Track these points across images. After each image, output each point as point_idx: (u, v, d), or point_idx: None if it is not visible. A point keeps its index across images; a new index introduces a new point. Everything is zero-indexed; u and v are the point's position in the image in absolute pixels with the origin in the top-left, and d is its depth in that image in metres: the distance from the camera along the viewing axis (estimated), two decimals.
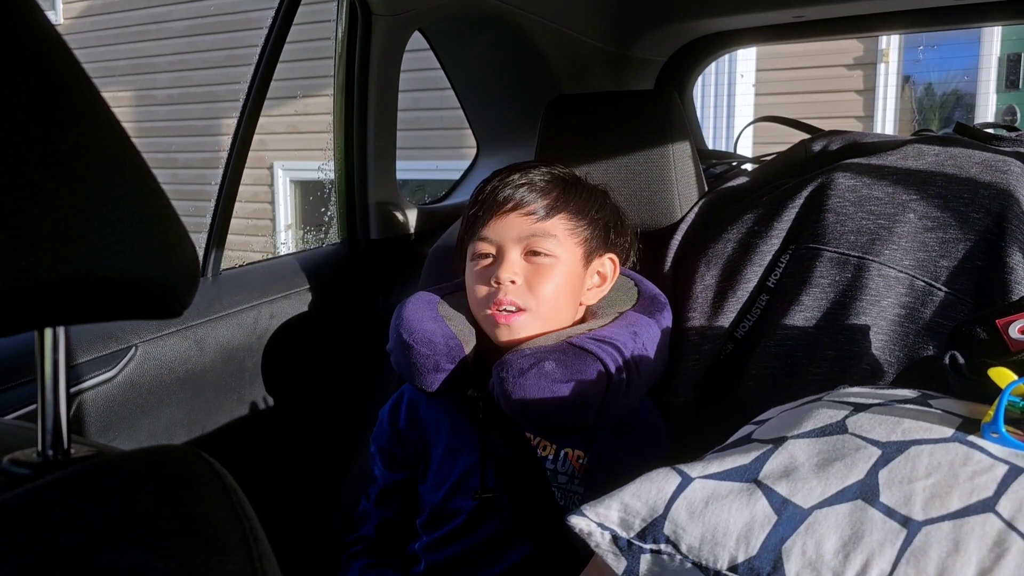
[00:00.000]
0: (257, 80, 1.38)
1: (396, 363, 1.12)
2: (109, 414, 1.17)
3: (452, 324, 1.10)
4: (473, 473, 1.07)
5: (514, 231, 1.07)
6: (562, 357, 1.00)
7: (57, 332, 0.49)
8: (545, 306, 1.06)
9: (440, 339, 1.07)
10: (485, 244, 1.09)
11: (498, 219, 1.08)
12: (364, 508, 1.21)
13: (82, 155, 0.42)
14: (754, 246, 1.17)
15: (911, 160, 1.16)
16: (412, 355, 1.08)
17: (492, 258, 1.09)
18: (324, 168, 4.39)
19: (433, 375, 1.07)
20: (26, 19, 0.42)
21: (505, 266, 1.06)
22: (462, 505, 1.08)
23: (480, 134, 1.95)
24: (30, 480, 0.44)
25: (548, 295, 1.06)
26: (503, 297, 1.05)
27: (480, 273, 1.09)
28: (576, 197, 1.11)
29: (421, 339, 1.07)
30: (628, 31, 1.74)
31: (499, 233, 1.08)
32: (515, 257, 1.07)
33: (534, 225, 1.07)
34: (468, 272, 1.12)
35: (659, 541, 0.63)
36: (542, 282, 1.06)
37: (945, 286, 1.06)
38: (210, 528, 0.42)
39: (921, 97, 4.72)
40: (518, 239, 1.07)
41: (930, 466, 0.59)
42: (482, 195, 1.11)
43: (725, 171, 1.58)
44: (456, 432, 1.11)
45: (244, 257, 3.77)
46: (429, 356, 1.06)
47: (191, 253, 0.49)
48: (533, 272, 1.07)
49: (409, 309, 1.13)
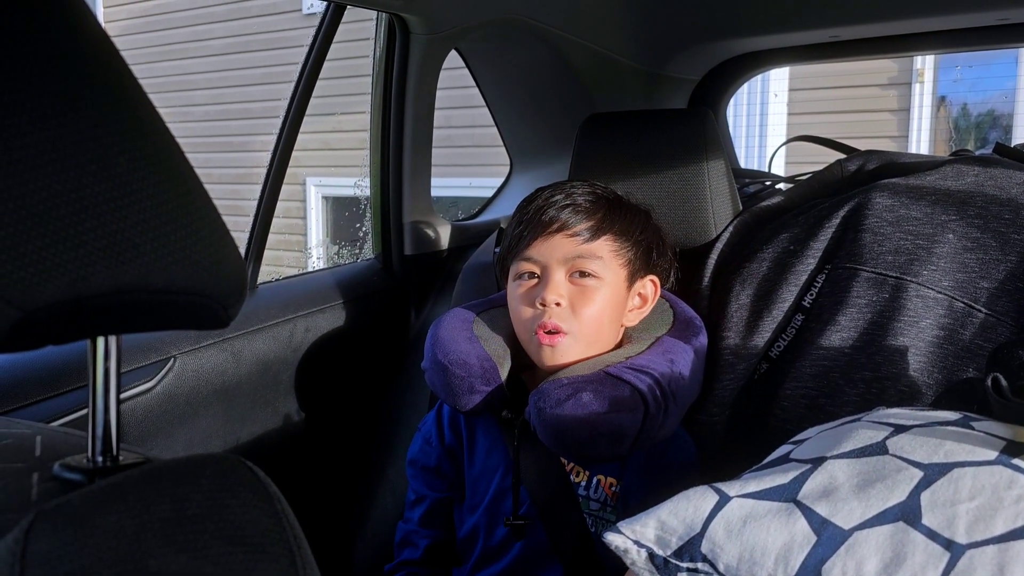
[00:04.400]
0: (297, 97, 1.40)
1: (431, 382, 1.11)
2: (147, 424, 1.19)
3: (487, 345, 1.09)
4: (506, 496, 1.07)
5: (560, 252, 1.06)
6: (599, 387, 0.98)
7: (109, 341, 0.50)
8: (589, 328, 1.05)
9: (475, 361, 1.06)
10: (529, 264, 1.08)
11: (543, 239, 1.06)
12: (407, 531, 1.19)
13: (138, 168, 0.44)
14: (790, 266, 1.16)
15: (950, 180, 1.15)
16: (447, 376, 1.07)
17: (536, 278, 1.07)
18: (360, 184, 4.43)
19: (468, 396, 1.06)
20: (89, 36, 0.44)
21: (551, 287, 1.05)
22: (495, 528, 1.08)
23: (514, 151, 1.96)
24: (82, 485, 0.45)
25: (593, 317, 1.05)
26: (548, 320, 1.04)
27: (525, 294, 1.08)
28: (620, 218, 1.10)
29: (456, 360, 1.07)
30: (662, 50, 1.75)
31: (544, 254, 1.06)
32: (560, 278, 1.06)
33: (580, 246, 1.06)
34: (511, 292, 1.11)
35: (696, 560, 0.63)
36: (587, 304, 1.05)
37: (985, 307, 1.04)
38: (256, 535, 0.43)
39: (957, 117, 4.67)
40: (563, 260, 1.06)
41: (973, 489, 0.58)
42: (526, 214, 1.10)
43: (759, 190, 1.57)
44: (491, 453, 1.11)
45: (275, 271, 3.80)
46: (464, 378, 1.06)
47: (239, 265, 0.50)
48: (578, 294, 1.05)
49: (444, 328, 1.12)
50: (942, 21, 1.56)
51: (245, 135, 6.07)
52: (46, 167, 0.40)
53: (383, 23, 1.49)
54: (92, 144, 0.42)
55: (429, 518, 1.17)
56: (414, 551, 1.17)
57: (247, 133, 6.05)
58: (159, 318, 0.46)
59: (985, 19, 1.52)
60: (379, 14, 1.48)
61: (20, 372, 1.07)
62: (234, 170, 6.07)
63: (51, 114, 0.41)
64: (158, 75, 6.41)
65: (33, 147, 0.40)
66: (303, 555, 0.43)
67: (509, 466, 1.07)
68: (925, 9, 1.48)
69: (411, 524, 1.18)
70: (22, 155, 0.39)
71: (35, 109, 0.40)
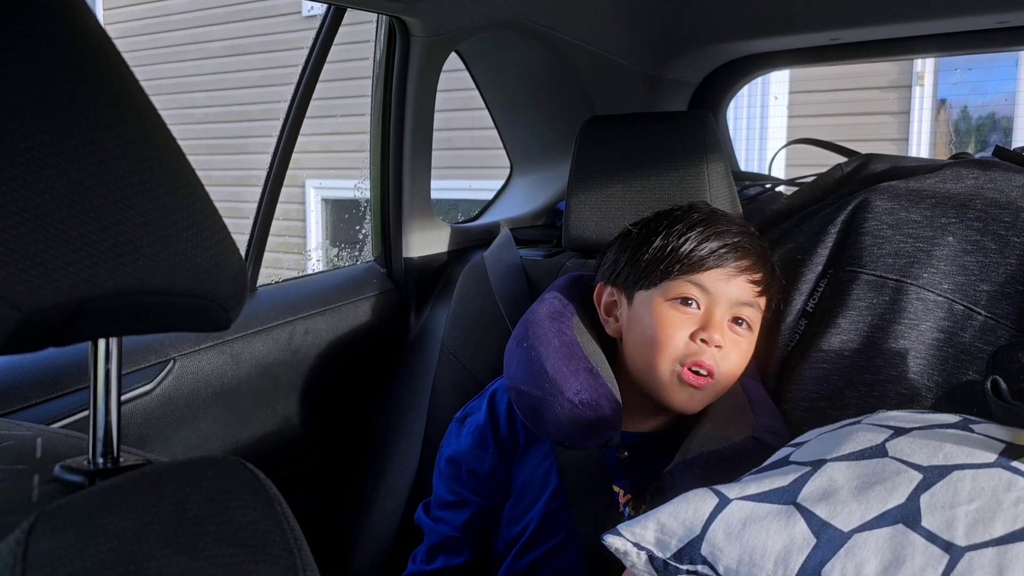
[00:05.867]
0: (297, 99, 1.40)
1: (528, 408, 0.98)
2: (146, 426, 1.19)
3: (605, 374, 0.99)
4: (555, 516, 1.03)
5: (735, 293, 0.99)
6: (757, 458, 0.88)
7: (110, 343, 0.50)
8: (729, 379, 1.00)
9: (606, 403, 0.96)
10: (696, 290, 0.99)
11: (723, 272, 0.99)
12: (446, 535, 1.11)
13: (140, 170, 0.44)
14: (799, 275, 1.16)
15: (950, 183, 1.15)
16: (572, 415, 0.95)
17: (695, 307, 0.99)
18: (360, 187, 4.43)
19: (586, 439, 0.96)
20: (92, 39, 0.44)
21: (717, 326, 0.97)
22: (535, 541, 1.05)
23: (514, 154, 1.96)
24: (83, 487, 0.45)
25: (737, 368, 1.00)
26: (707, 360, 0.96)
27: (682, 321, 0.98)
28: (778, 277, 1.07)
29: (587, 401, 0.95)
30: (662, 53, 1.75)
31: (720, 289, 0.98)
32: (724, 319, 0.99)
33: (754, 297, 1.00)
34: (655, 310, 1.00)
35: (696, 562, 0.63)
36: (737, 353, 1.00)
37: (985, 310, 1.05)
38: (257, 537, 0.43)
39: (957, 120, 4.68)
40: (734, 303, 0.99)
41: (973, 491, 0.58)
42: (703, 236, 1.00)
43: (759, 193, 1.58)
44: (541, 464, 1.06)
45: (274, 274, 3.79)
46: (593, 421, 0.95)
47: (240, 267, 0.50)
48: (732, 341, 0.99)
49: (551, 348, 0.99)
50: (942, 24, 1.56)
51: (244, 137, 6.08)
52: (48, 170, 0.40)
53: (383, 25, 1.49)
54: (94, 147, 0.42)
55: (473, 526, 1.10)
56: (453, 558, 1.10)
57: (246, 135, 6.05)
58: (161, 320, 0.46)
59: (985, 22, 1.52)
60: (379, 16, 1.48)
61: (20, 374, 1.07)
62: (233, 172, 6.08)
63: (53, 117, 0.41)
64: (157, 77, 6.41)
65: (36, 150, 0.40)
66: (304, 557, 0.44)
67: (559, 487, 1.02)
68: (925, 12, 1.49)
69: (450, 528, 1.11)
70: (25, 158, 0.40)
71: (38, 112, 0.40)
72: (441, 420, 1.33)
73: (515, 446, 1.08)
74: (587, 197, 1.30)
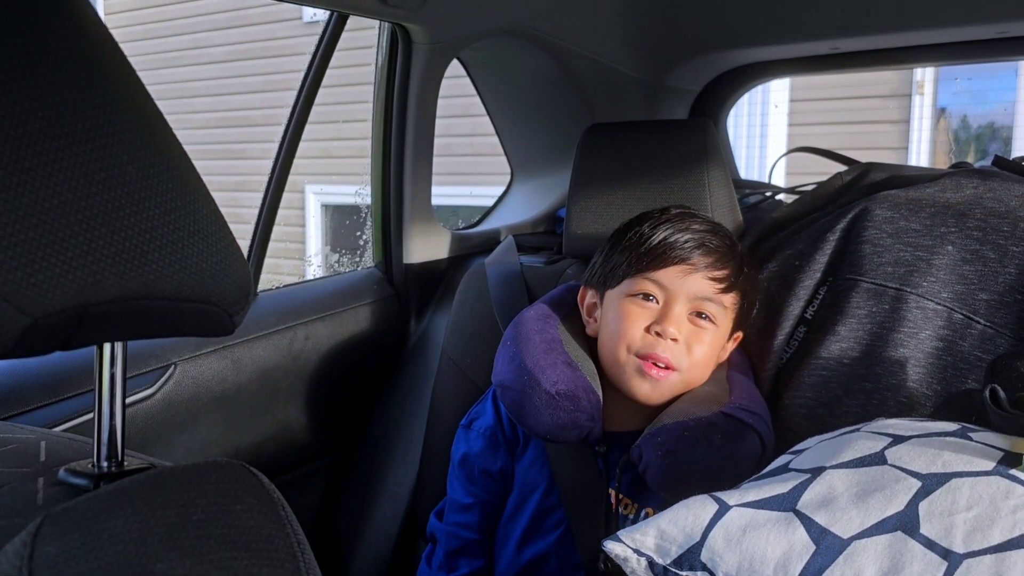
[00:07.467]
0: (299, 105, 1.41)
1: (512, 402, 1.03)
2: (147, 431, 1.19)
3: (589, 373, 1.03)
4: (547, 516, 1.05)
5: (693, 289, 1.02)
6: (727, 431, 0.94)
7: (115, 347, 0.51)
8: (694, 371, 1.02)
9: (583, 394, 1.00)
10: (653, 286, 1.03)
11: (681, 270, 1.02)
12: (467, 539, 1.12)
13: (146, 176, 0.44)
14: (797, 281, 1.16)
15: (949, 192, 1.15)
16: (550, 407, 0.99)
17: (654, 302, 1.03)
18: (361, 192, 4.44)
19: (568, 431, 0.99)
20: (99, 46, 0.44)
21: (672, 320, 1.01)
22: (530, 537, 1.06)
23: (515, 161, 1.96)
24: (88, 490, 0.46)
25: (701, 360, 1.02)
26: (662, 353, 1.00)
27: (639, 314, 1.02)
28: (750, 278, 1.09)
29: (565, 392, 0.99)
30: (663, 61, 1.76)
31: (676, 285, 1.02)
32: (682, 313, 1.02)
33: (715, 294, 1.03)
34: (618, 306, 1.04)
35: (695, 568, 0.63)
36: (699, 346, 1.02)
37: (984, 319, 1.05)
38: (260, 540, 0.43)
39: (957, 129, 4.69)
40: (692, 297, 1.02)
41: (971, 499, 0.59)
42: (663, 234, 1.04)
43: (759, 201, 1.58)
44: (534, 463, 1.08)
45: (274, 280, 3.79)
46: (571, 412, 0.99)
47: (244, 273, 0.50)
48: (693, 334, 1.02)
49: (534, 346, 1.04)
50: (942, 34, 1.57)
51: (245, 143, 6.08)
52: (56, 176, 0.41)
53: (385, 32, 1.50)
54: (101, 153, 0.42)
55: (486, 525, 1.12)
56: (474, 562, 1.12)
57: (247, 141, 6.06)
58: (166, 325, 0.47)
59: (985, 32, 1.53)
60: (381, 23, 1.49)
61: (24, 377, 1.07)
62: (234, 178, 6.08)
63: (61, 123, 0.41)
64: (158, 82, 6.42)
65: (43, 156, 0.40)
66: (307, 560, 0.44)
67: (551, 486, 1.04)
68: (926, 22, 1.49)
69: (470, 531, 1.13)
70: (32, 164, 0.40)
71: (45, 119, 0.41)
72: (441, 426, 1.33)
73: (516, 443, 1.11)
74: (588, 204, 1.31)
